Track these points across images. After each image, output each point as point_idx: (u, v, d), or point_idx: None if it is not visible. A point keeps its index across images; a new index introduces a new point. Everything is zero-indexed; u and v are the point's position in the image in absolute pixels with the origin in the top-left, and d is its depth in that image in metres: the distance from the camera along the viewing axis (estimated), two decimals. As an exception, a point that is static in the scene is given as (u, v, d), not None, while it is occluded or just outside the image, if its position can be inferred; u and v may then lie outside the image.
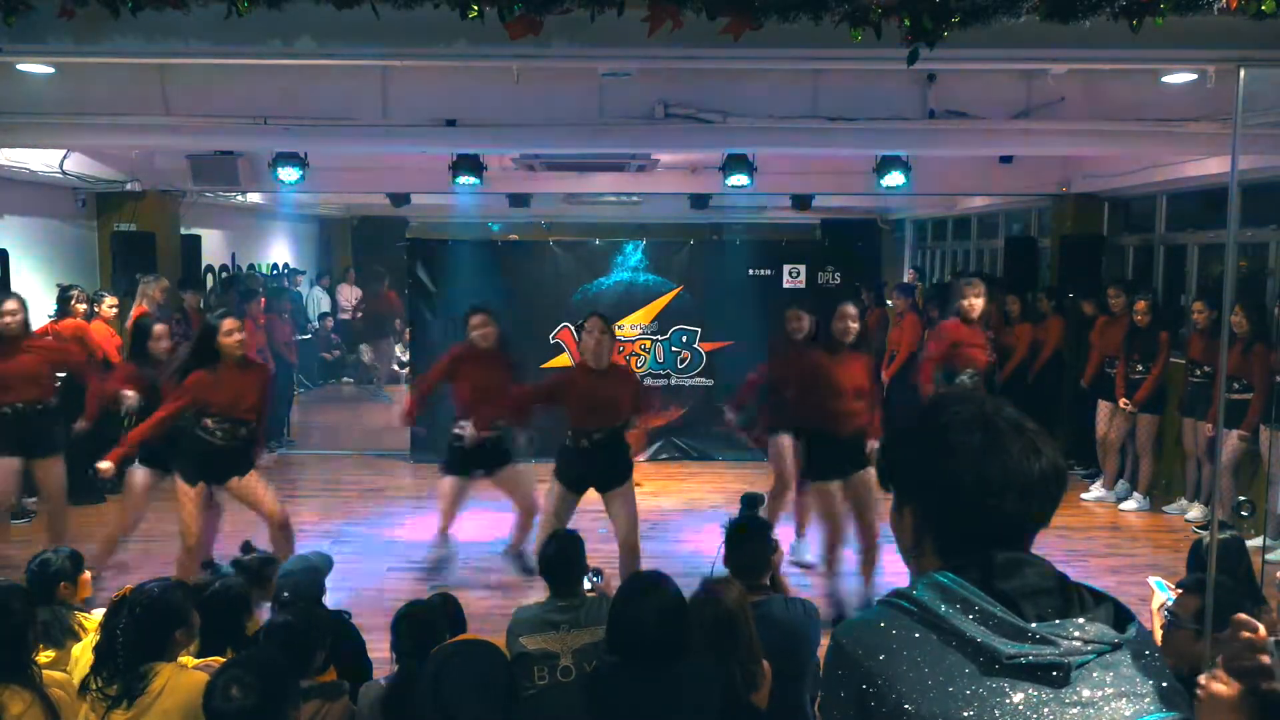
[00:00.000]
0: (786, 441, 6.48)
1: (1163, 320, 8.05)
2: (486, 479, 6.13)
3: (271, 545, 5.43)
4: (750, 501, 4.62)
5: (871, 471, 5.45)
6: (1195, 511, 7.75)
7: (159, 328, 6.26)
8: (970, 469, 1.36)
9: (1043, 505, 1.38)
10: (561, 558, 3.68)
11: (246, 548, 4.24)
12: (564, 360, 9.08)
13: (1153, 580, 3.60)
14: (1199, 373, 7.50)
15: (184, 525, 5.50)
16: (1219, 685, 1.58)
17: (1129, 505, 8.15)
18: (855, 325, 5.52)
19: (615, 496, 5.53)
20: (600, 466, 5.51)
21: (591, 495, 5.66)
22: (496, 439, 5.96)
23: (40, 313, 8.35)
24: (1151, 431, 7.99)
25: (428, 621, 3.51)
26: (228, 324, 5.37)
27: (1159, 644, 3.07)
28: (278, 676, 2.70)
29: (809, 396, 5.59)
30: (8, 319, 5.89)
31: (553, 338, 9.64)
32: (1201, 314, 7.45)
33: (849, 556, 5.74)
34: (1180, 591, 3.23)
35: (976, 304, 6.91)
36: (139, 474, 5.94)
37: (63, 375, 6.53)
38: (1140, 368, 7.94)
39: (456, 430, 5.95)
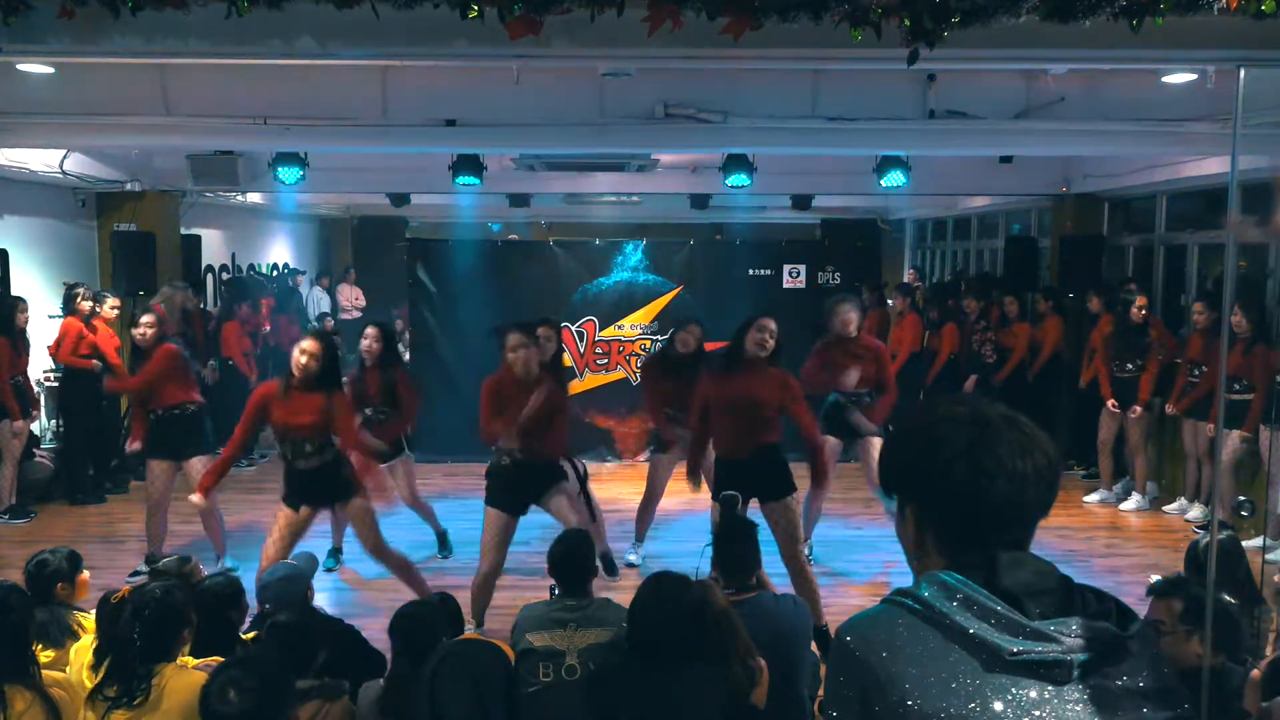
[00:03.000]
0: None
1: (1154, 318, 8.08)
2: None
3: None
4: (728, 502, 4.62)
5: (791, 502, 5.11)
6: (1195, 511, 7.75)
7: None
8: (962, 458, 1.37)
9: (1037, 492, 1.38)
10: (571, 557, 3.68)
11: (151, 558, 4.20)
12: (564, 360, 9.09)
13: (1155, 579, 3.59)
14: (1197, 373, 7.50)
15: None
16: None
17: (1129, 505, 8.15)
18: (772, 341, 5.04)
19: (554, 499, 5.24)
20: (529, 482, 5.22)
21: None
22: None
23: (40, 312, 8.36)
24: (1143, 430, 8.00)
25: (425, 622, 3.52)
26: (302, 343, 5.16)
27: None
28: (274, 678, 2.69)
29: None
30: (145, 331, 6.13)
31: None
32: (1202, 315, 7.45)
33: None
34: (1150, 599, 3.17)
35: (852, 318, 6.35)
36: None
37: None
38: (1130, 366, 7.95)
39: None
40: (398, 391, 6.31)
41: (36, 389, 8.15)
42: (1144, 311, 7.87)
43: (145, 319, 6.21)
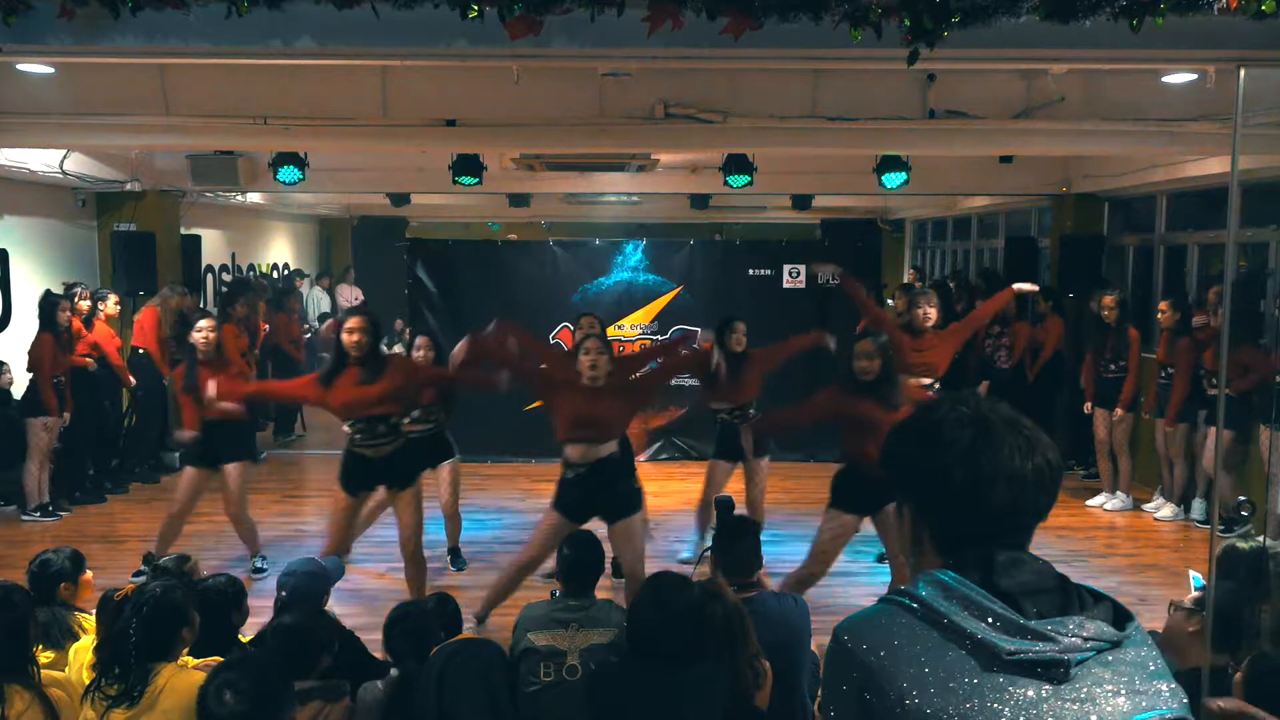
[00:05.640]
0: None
1: (1131, 317, 8.09)
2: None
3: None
4: (725, 505, 4.63)
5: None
6: (1166, 510, 7.83)
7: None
8: (961, 463, 1.37)
9: (1036, 499, 1.39)
10: (579, 560, 3.68)
11: (149, 558, 4.18)
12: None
13: (1193, 575, 3.60)
14: (1164, 374, 7.54)
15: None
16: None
17: (1124, 505, 8.17)
18: (872, 363, 4.99)
19: (619, 529, 5.14)
20: (599, 493, 5.08)
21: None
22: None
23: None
24: (1126, 430, 8.00)
25: (421, 623, 3.50)
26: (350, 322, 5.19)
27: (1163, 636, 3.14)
28: (272, 680, 2.67)
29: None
30: (206, 335, 6.10)
31: (552, 338, 9.63)
32: (1166, 315, 7.47)
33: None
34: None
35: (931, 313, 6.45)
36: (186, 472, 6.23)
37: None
38: (1113, 366, 7.95)
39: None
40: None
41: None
42: (1113, 310, 7.88)
43: (205, 323, 6.17)
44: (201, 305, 10.06)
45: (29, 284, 8.44)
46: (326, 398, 5.22)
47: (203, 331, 6.09)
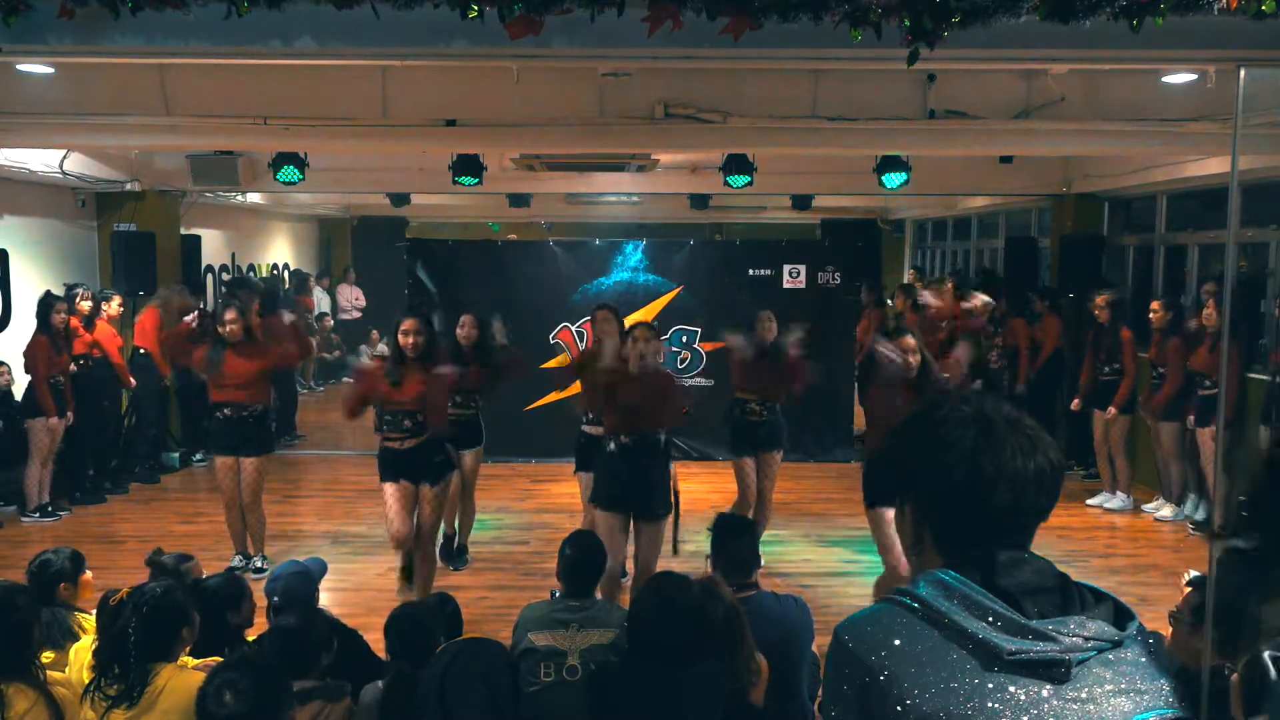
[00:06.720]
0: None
1: (1124, 317, 8.09)
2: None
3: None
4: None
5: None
6: (1166, 511, 7.82)
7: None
8: (963, 463, 1.37)
9: (1037, 499, 1.38)
10: (580, 560, 3.68)
11: (155, 555, 4.16)
12: (563, 360, 9.08)
13: (1195, 574, 3.60)
14: (1155, 374, 7.54)
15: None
16: None
17: (1124, 505, 8.17)
18: (914, 359, 5.01)
19: (648, 530, 5.23)
20: (637, 468, 5.16)
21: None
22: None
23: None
24: (1124, 431, 8.00)
25: (422, 622, 3.51)
26: (406, 324, 5.35)
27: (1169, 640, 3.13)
28: (271, 680, 2.67)
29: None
30: (230, 327, 6.28)
31: (552, 338, 9.64)
32: (1158, 314, 7.45)
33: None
34: (1190, 589, 3.26)
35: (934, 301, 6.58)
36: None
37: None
38: (1107, 369, 7.94)
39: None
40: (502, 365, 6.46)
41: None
42: (1104, 311, 7.86)
43: (230, 315, 6.34)
44: (203, 305, 10.05)
45: (29, 284, 8.43)
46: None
47: (228, 326, 6.29)
